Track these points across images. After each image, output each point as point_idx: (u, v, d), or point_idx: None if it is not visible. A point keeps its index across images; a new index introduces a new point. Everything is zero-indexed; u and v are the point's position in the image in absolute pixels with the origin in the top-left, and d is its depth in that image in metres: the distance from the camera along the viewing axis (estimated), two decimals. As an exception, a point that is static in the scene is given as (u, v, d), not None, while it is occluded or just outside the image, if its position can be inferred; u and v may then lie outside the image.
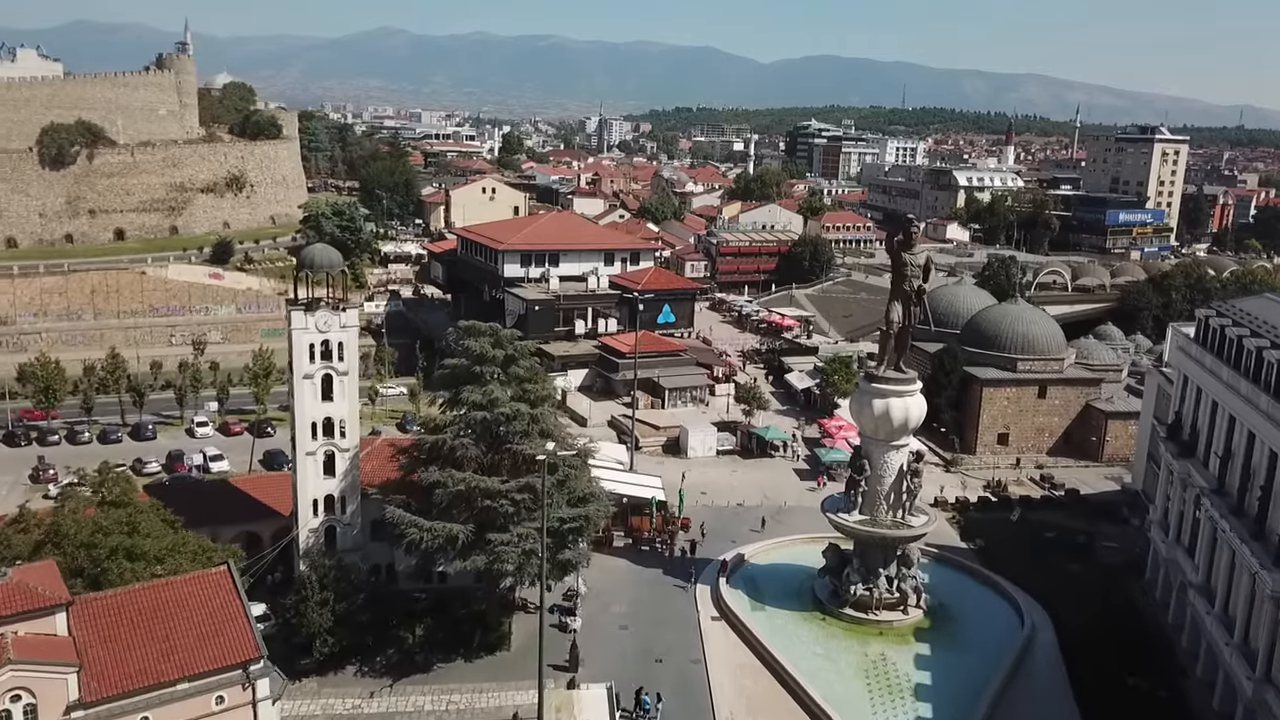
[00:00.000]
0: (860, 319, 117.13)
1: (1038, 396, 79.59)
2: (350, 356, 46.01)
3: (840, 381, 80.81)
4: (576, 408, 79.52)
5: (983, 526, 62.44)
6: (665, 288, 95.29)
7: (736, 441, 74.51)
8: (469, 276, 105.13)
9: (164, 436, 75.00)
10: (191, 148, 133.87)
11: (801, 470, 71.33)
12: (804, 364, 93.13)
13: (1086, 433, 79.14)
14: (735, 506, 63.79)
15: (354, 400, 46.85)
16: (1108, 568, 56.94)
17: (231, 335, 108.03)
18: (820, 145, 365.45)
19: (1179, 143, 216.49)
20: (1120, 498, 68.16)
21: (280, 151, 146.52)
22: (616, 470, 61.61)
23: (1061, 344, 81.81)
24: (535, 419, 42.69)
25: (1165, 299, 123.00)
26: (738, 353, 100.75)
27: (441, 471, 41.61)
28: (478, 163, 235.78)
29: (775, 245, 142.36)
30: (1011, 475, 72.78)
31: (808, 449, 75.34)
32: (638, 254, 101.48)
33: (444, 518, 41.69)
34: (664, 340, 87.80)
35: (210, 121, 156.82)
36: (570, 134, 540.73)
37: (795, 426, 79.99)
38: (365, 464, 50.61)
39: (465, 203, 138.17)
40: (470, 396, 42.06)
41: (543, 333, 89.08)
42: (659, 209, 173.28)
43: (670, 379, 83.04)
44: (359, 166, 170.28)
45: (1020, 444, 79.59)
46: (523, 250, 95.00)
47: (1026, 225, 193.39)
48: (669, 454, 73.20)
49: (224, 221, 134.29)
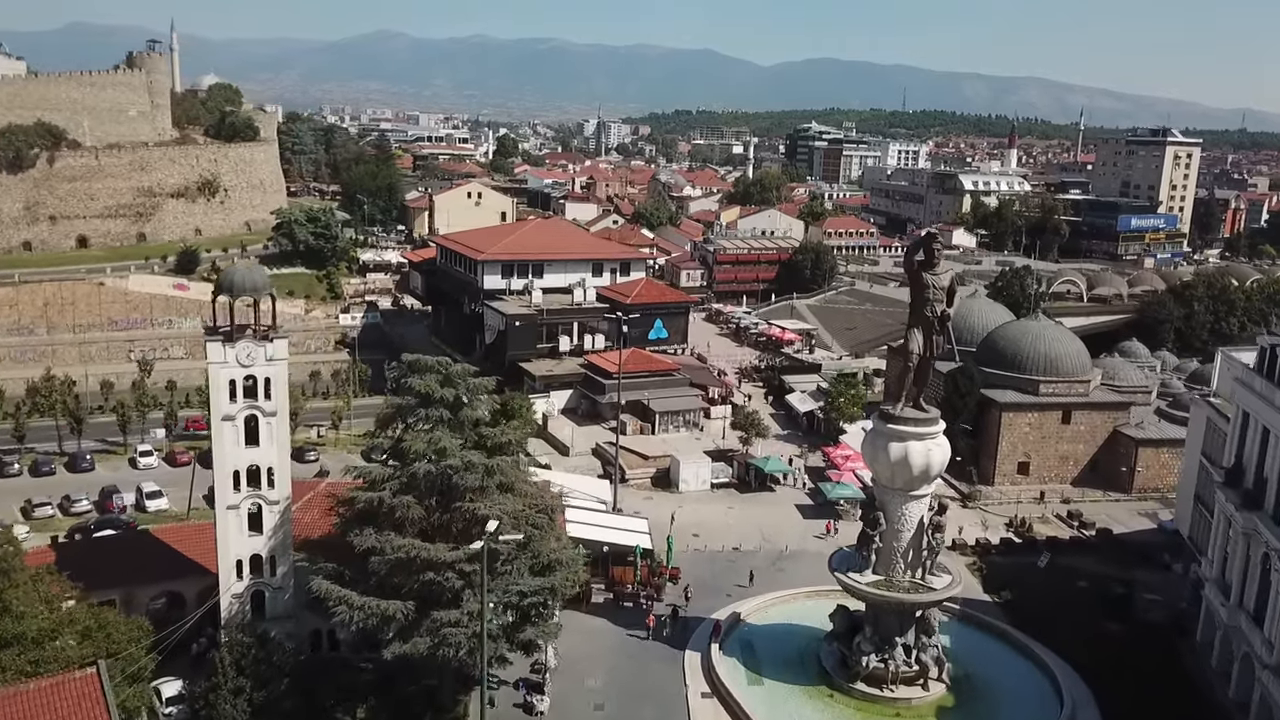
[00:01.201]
0: (865, 332, 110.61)
1: (1061, 422, 72.91)
2: (279, 394, 39.36)
3: (846, 406, 74.22)
4: (558, 434, 72.88)
5: (1007, 574, 55.74)
6: (657, 301, 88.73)
7: (733, 473, 67.86)
8: (448, 288, 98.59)
9: (104, 467, 68.27)
10: (161, 150, 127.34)
11: (804, 506, 64.66)
12: (806, 383, 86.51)
13: (1115, 462, 72.48)
14: (731, 551, 57.13)
15: (285, 445, 40.20)
16: (1152, 627, 50.23)
17: (196, 350, 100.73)
18: (821, 148, 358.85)
19: (1191, 145, 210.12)
20: (1158, 538, 61.53)
21: (257, 154, 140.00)
22: (597, 512, 54.97)
23: (1087, 364, 75.19)
24: (491, 471, 36.04)
25: (1187, 310, 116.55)
26: (734, 370, 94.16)
27: (379, 535, 34.96)
28: (468, 166, 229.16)
29: (775, 253, 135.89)
30: (1035, 511, 66.11)
31: (811, 481, 68.78)
32: (628, 264, 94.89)
33: (382, 590, 35.06)
34: (655, 358, 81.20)
35: (187, 123, 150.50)
36: (568, 137, 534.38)
37: (797, 454, 73.38)
38: (301, 516, 43.98)
39: (449, 208, 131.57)
40: (413, 445, 35.41)
41: (524, 350, 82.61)
42: (654, 214, 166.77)
43: (661, 401, 76.42)
44: (343, 170, 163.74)
45: (1042, 473, 72.96)
46: (504, 260, 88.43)
47: (1035, 231, 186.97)
48: (658, 487, 66.55)
49: (195, 228, 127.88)
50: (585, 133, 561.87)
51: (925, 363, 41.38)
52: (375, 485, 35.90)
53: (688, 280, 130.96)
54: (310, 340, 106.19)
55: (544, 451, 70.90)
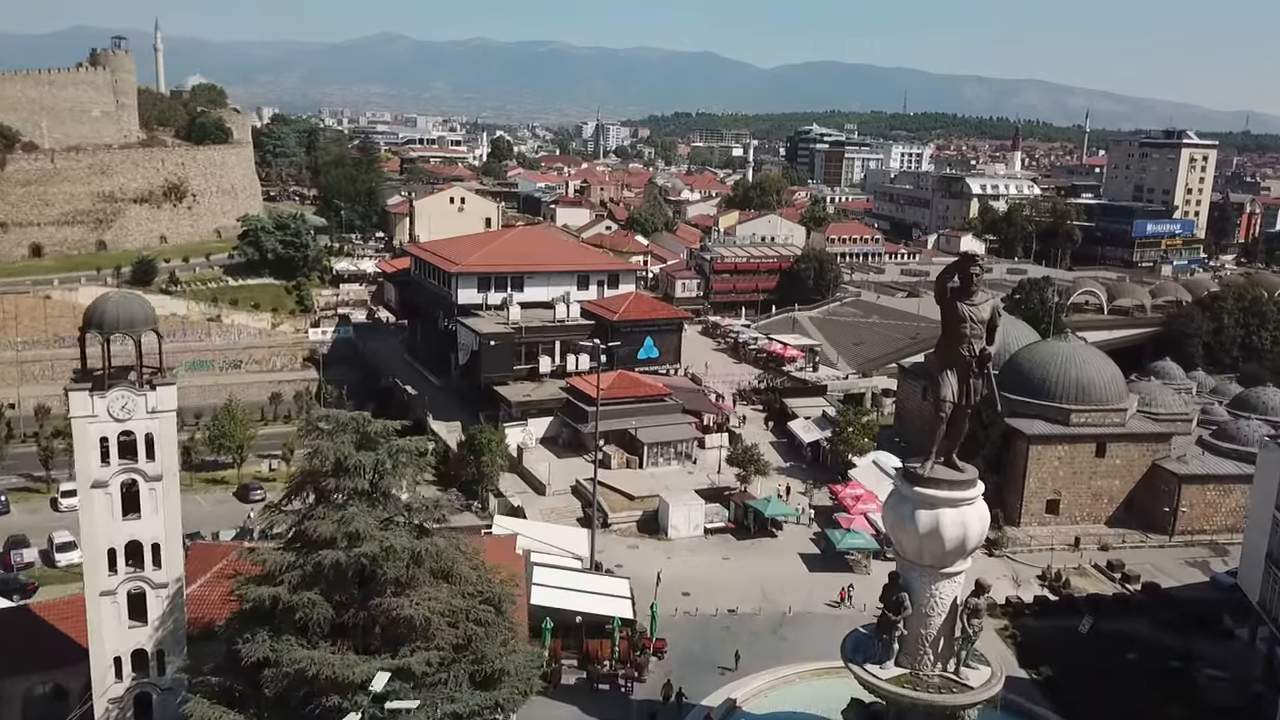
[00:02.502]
0: (873, 347, 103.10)
1: (1095, 455, 65.42)
2: (165, 453, 31.92)
3: (855, 436, 66.72)
4: (535, 469, 65.33)
5: (1044, 641, 48.27)
6: (647, 317, 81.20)
7: (729, 516, 60.35)
8: (422, 302, 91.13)
9: (21, 509, 60.77)
10: (124, 153, 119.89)
11: (810, 556, 57.12)
12: (810, 407, 79.06)
13: (1155, 500, 65.00)
14: (726, 614, 49.62)
15: (174, 513, 32.68)
16: (1222, 712, 42.71)
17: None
18: (822, 151, 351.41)
19: (1207, 147, 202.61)
20: (1214, 594, 54.02)
21: (228, 157, 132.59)
22: (570, 572, 47.46)
23: (1122, 390, 67.70)
24: (420, 558, 28.55)
25: (1217, 324, 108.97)
26: (732, 390, 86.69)
27: (276, 642, 27.45)
28: (459, 169, 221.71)
29: (776, 261, 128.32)
30: (1070, 560, 58.64)
31: (817, 523, 61.29)
32: (616, 276, 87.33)
33: (280, 712, 27.54)
34: (643, 381, 73.69)
35: (158, 124, 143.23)
36: (566, 140, 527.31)
37: (801, 490, 65.91)
38: (207, 593, 36.63)
39: (431, 214, 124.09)
40: (319, 528, 27.91)
41: (500, 372, 75.08)
42: (649, 219, 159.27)
43: (650, 431, 68.94)
44: (323, 173, 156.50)
45: (1073, 512, 65.49)
46: (479, 272, 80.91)
47: (1046, 237, 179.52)
48: (645, 533, 59.03)
49: (161, 235, 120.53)
50: (584, 135, 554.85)
51: (960, 412, 33.66)
52: (273, 577, 28.35)
53: (683, 291, 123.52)
54: (276, 357, 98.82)
55: (518, 490, 63.54)
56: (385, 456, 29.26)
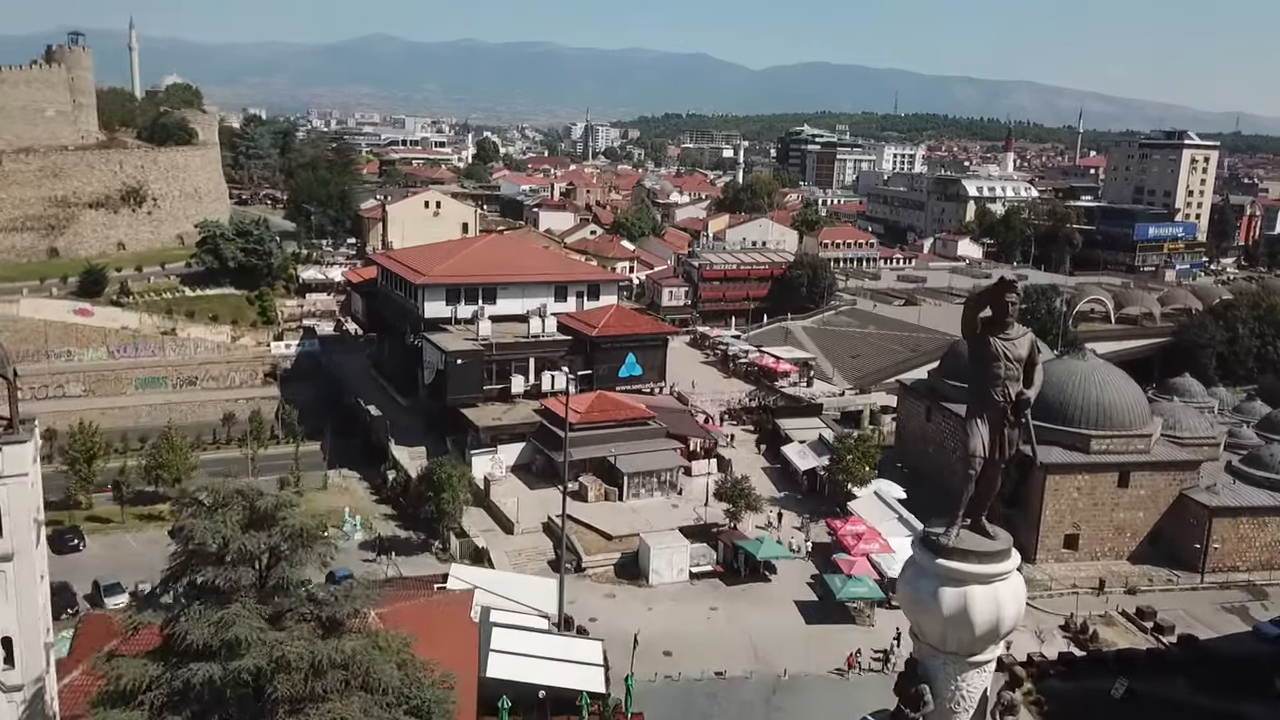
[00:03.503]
0: (870, 360, 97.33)
1: (1118, 485, 59.95)
2: (17, 527, 25.84)
3: (855, 465, 60.88)
4: (503, 504, 59.27)
5: (1074, 708, 42.58)
6: (629, 331, 75.23)
7: (717, 557, 54.48)
8: (389, 314, 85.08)
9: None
10: (78, 155, 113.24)
11: (808, 604, 51.26)
12: (806, 429, 73.22)
13: (1183, 534, 59.46)
14: (713, 678, 43.75)
15: (32, 601, 26.62)
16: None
17: (97, 387, 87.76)
18: (814, 152, 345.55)
19: (1209, 148, 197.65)
20: (1259, 648, 48.45)
21: (192, 159, 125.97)
22: (535, 634, 41.48)
23: (1145, 414, 62.18)
24: (320, 669, 22.49)
25: (1231, 334, 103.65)
26: (720, 409, 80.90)
27: (131, 782, 21.37)
28: (441, 172, 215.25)
29: (767, 268, 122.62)
30: (1095, 605, 52.94)
31: (814, 561, 55.56)
32: (597, 287, 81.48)
33: None
34: (624, 403, 67.68)
35: (121, 125, 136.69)
36: (556, 141, 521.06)
37: (797, 525, 60.14)
38: (88, 686, 30.49)
39: (404, 219, 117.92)
40: (190, 634, 21.85)
41: (468, 393, 69.00)
42: (636, 223, 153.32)
43: (631, 459, 62.95)
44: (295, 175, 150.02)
45: (1093, 547, 59.98)
46: (448, 284, 74.87)
47: (1045, 241, 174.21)
48: (623, 577, 53.08)
49: (118, 242, 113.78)
50: (573, 136, 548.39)
51: (993, 469, 27.46)
52: (130, 696, 22.27)
53: (670, 299, 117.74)
54: (235, 373, 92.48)
55: (484, 528, 57.55)
56: (280, 540, 23.21)
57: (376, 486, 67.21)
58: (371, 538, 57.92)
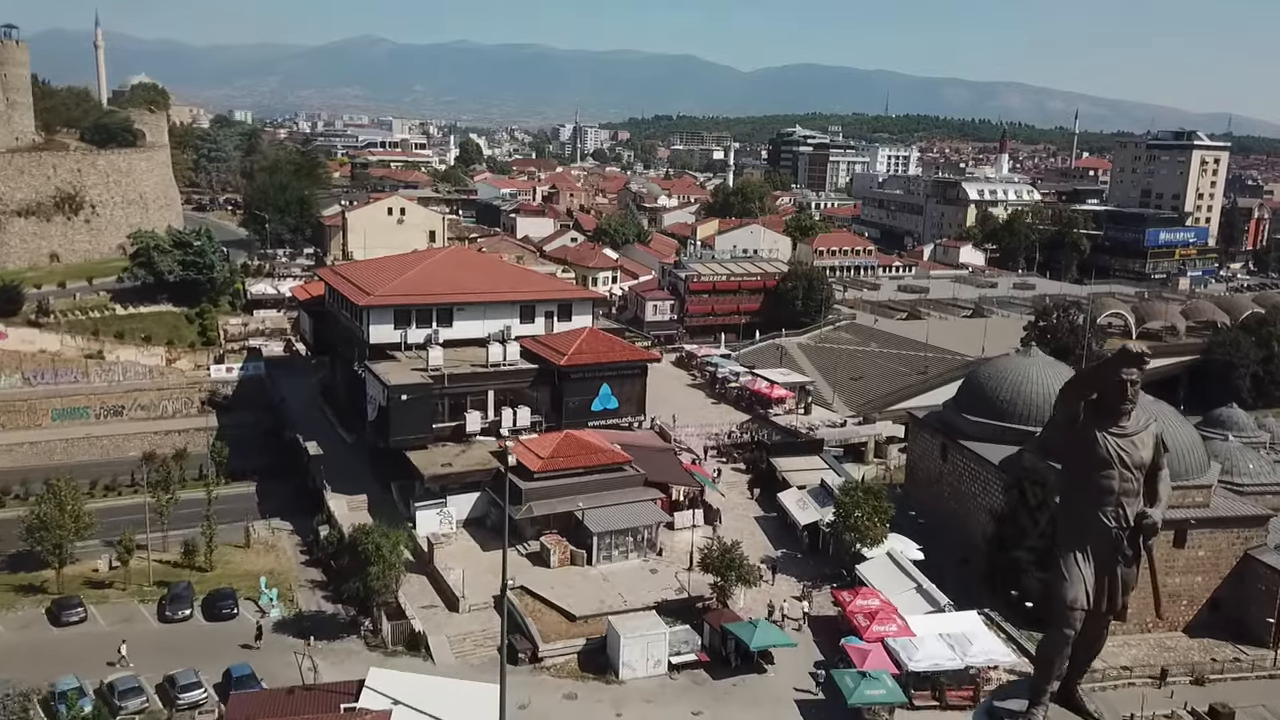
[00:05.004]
0: (874, 383, 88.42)
1: (1173, 545, 51.12)
2: None
3: (864, 522, 51.74)
4: (448, 574, 49.82)
5: None
6: (604, 359, 65.86)
7: (702, 642, 45.27)
8: (336, 338, 75.71)
9: None
10: (5, 158, 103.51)
11: (812, 706, 42.07)
12: (805, 470, 64.12)
13: (1248, 602, 50.87)
14: (695, 820, 34.58)
15: None
16: None
17: (10, 419, 77.96)
18: (806, 153, 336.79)
19: (1220, 150, 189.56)
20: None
21: (137, 163, 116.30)
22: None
23: (1203, 461, 53.35)
24: None
25: (1266, 352, 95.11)
26: (707, 444, 71.77)
27: None
28: (418, 175, 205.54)
29: (759, 279, 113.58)
30: (1159, 701, 43.98)
31: (815, 639, 46.45)
32: (569, 306, 72.25)
33: None
34: (595, 445, 58.35)
35: (64, 125, 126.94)
36: (544, 143, 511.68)
37: (796, 594, 50.98)
38: None
39: (365, 227, 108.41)
40: None
41: (415, 433, 59.44)
42: (620, 230, 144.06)
43: (600, 514, 53.66)
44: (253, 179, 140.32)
45: (1144, 618, 50.75)
46: (396, 305, 65.53)
47: (1050, 246, 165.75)
48: (589, 671, 43.75)
49: (51, 253, 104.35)
50: (562, 138, 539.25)
51: (1099, 624, 18.25)
52: None
53: (654, 314, 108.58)
54: (167, 401, 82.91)
55: (426, 603, 48.27)
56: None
57: (310, 544, 57.86)
58: (290, 615, 48.54)
